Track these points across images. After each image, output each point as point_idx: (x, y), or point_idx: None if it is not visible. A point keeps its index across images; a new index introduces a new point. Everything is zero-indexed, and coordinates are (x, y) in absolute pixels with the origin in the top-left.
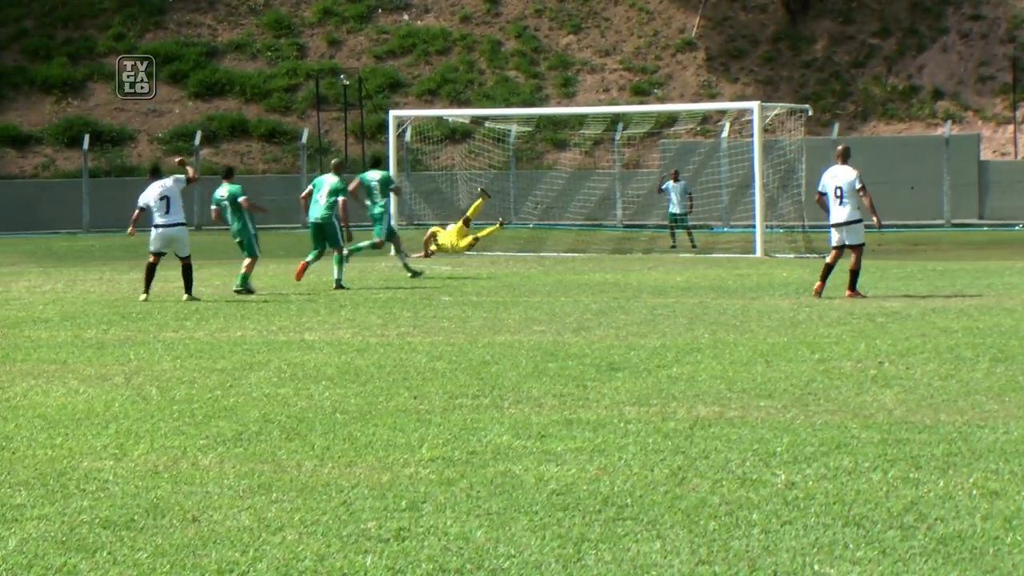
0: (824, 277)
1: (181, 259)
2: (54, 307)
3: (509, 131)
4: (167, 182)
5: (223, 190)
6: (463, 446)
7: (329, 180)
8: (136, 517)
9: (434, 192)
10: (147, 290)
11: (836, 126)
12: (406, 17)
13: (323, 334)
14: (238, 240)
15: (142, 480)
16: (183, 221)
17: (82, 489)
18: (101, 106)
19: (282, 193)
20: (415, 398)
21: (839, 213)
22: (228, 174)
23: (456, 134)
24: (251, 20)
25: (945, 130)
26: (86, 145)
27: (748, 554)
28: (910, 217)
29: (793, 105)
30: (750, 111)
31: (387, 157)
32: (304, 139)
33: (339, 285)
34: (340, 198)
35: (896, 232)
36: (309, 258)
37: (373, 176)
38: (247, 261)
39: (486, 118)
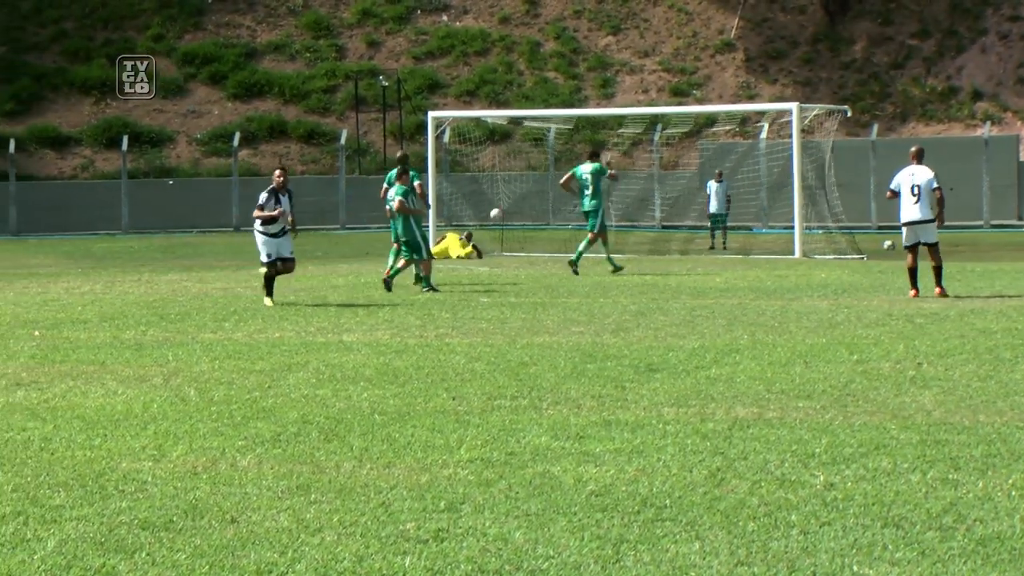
0: (914, 282)
1: (286, 261)
2: (93, 308)
3: (548, 132)
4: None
5: (392, 190)
6: (502, 447)
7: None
8: (175, 518)
9: (473, 194)
10: (271, 294)
11: (875, 127)
12: (445, 18)
13: (361, 335)
14: (404, 240)
15: (181, 481)
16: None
17: (121, 490)
18: (140, 107)
19: (320, 194)
20: (453, 399)
21: (914, 211)
22: (402, 160)
23: (495, 135)
24: (290, 21)
25: (984, 131)
26: (125, 146)
27: (787, 555)
28: (949, 218)
29: (832, 106)
30: (789, 112)
31: (426, 158)
32: (343, 140)
33: (389, 282)
34: (397, 199)
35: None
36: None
37: (585, 169)
38: (420, 262)
39: (525, 119)
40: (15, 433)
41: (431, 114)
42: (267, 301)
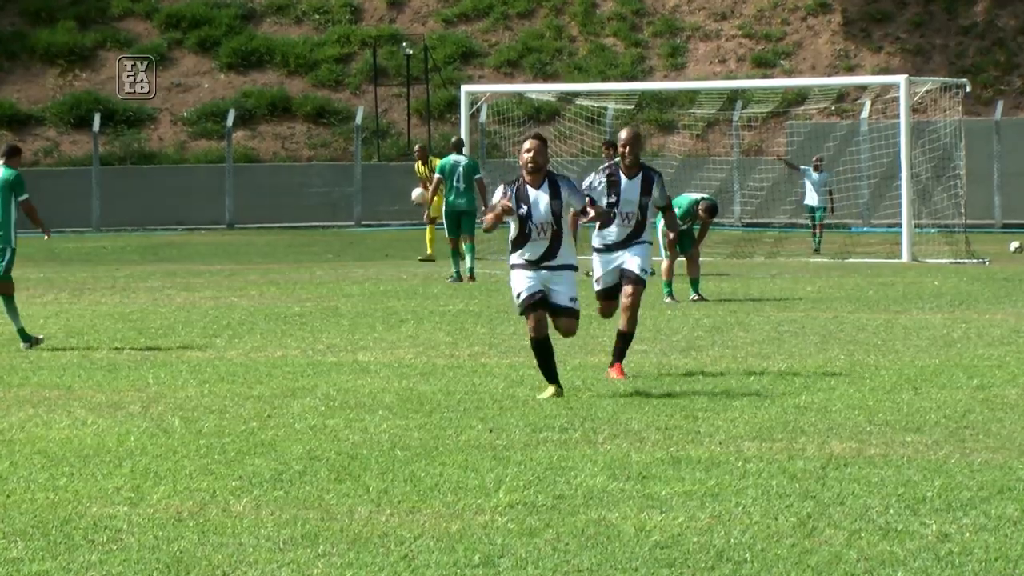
0: None
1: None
2: (57, 321)
3: (606, 110)
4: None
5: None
6: (548, 489)
7: (460, 161)
8: (155, 574)
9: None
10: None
11: (1000, 104)
12: None
13: (380, 354)
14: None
15: (162, 530)
16: None
17: (90, 540)
18: (115, 79)
19: (331, 185)
20: (491, 431)
21: None
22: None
23: (541, 114)
24: None
25: None
26: (97, 126)
27: None
28: None
29: (948, 79)
30: (896, 87)
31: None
32: (359, 120)
33: (471, 276)
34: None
35: None
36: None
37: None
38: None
39: (577, 95)
40: None
41: (464, 88)
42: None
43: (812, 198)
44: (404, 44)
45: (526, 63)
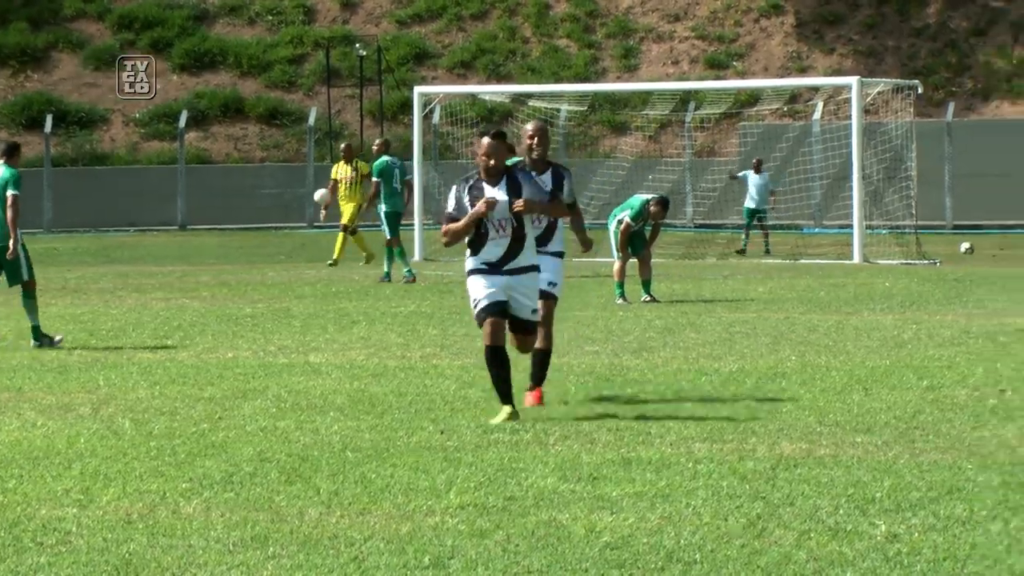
0: None
1: None
2: (7, 323)
3: (559, 112)
4: None
5: None
6: (499, 490)
7: (395, 162)
8: None
9: None
10: None
11: (951, 106)
12: None
13: (331, 355)
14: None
15: (112, 532)
16: None
17: (39, 543)
18: (67, 80)
19: (284, 186)
20: (442, 433)
21: None
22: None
23: (494, 115)
24: None
25: None
26: (49, 127)
27: None
28: None
29: (900, 81)
30: (848, 88)
31: (411, 142)
32: (312, 121)
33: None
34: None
35: (1022, 234)
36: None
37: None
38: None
39: (530, 96)
40: None
41: (418, 90)
42: None
43: (752, 200)
44: (357, 45)
45: (479, 64)
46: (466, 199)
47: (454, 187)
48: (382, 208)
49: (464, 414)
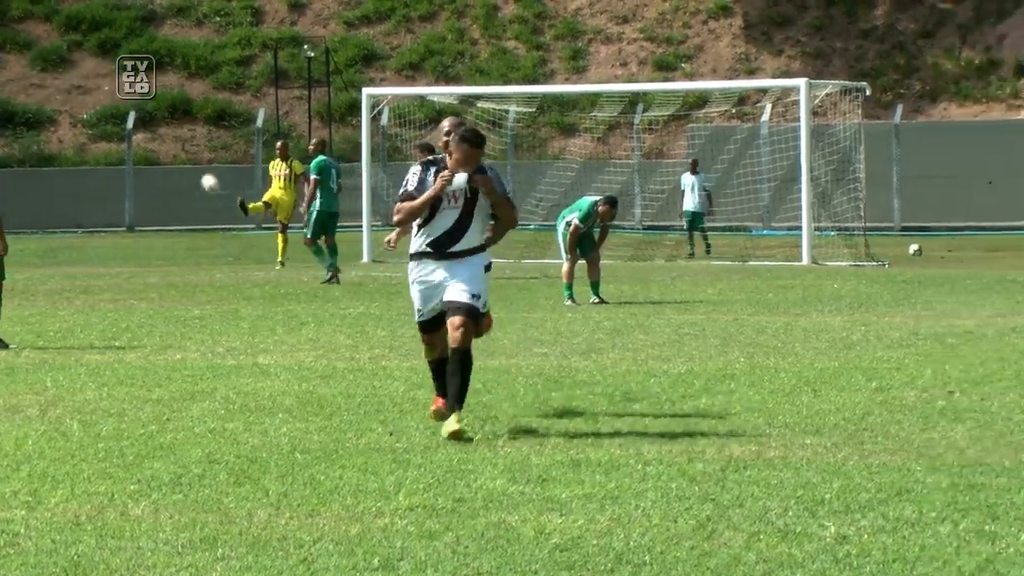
0: None
1: None
2: None
3: (507, 113)
4: None
5: None
6: (448, 492)
7: (332, 162)
8: None
9: None
10: None
11: (899, 108)
12: None
13: (280, 357)
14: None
15: (60, 533)
16: None
17: None
18: (14, 82)
19: (232, 187)
20: (391, 434)
21: None
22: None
23: (443, 117)
24: None
25: None
26: None
27: None
28: (987, 218)
29: (848, 83)
30: (796, 90)
31: (359, 143)
32: (259, 122)
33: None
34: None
35: (971, 236)
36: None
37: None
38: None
39: (479, 97)
40: None
41: (366, 91)
42: None
43: (690, 202)
44: (305, 46)
45: (428, 66)
46: (430, 180)
47: (418, 167)
48: (315, 207)
49: (413, 416)
